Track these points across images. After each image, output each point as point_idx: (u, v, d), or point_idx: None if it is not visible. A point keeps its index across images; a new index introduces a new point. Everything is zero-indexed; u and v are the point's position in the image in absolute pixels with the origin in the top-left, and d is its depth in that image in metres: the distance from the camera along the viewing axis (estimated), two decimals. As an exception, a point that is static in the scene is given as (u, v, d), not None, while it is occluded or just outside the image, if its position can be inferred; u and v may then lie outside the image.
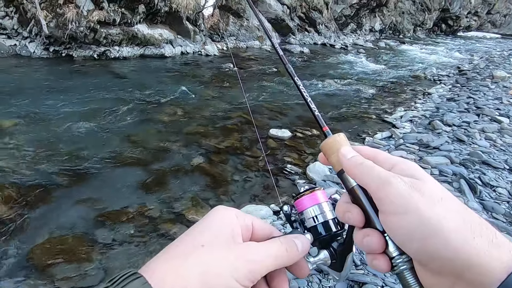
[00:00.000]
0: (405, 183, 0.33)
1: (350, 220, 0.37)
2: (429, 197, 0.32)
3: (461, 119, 5.28)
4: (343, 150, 0.39)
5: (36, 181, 3.38)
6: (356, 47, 14.60)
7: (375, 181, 0.35)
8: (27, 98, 5.46)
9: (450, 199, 0.33)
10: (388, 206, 0.33)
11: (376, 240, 0.35)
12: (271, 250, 0.35)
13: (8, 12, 7.99)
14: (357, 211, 0.37)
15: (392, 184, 0.33)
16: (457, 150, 4.08)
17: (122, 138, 4.49)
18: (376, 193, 0.35)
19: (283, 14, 13.46)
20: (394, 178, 0.34)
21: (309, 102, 0.46)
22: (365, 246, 0.36)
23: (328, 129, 0.43)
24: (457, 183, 3.23)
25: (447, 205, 0.32)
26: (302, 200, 0.45)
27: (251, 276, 0.33)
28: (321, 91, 7.50)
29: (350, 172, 0.38)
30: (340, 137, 0.41)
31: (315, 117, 0.45)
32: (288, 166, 4.04)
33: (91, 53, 8.49)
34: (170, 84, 6.98)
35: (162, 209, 3.16)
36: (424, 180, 0.34)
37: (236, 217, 0.37)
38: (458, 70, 10.56)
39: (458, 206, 0.32)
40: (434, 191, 0.33)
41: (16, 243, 2.63)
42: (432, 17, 21.70)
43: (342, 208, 0.38)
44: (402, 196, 0.32)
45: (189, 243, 0.34)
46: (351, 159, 0.38)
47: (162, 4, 9.24)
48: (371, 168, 0.36)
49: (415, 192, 0.32)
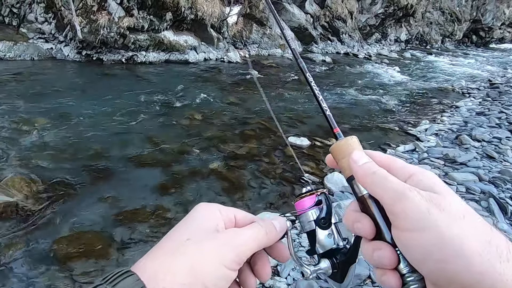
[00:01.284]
0: (423, 197, 0.30)
1: (359, 231, 0.35)
2: (450, 214, 0.29)
3: (492, 135, 5.01)
4: (355, 155, 0.36)
5: (62, 177, 3.55)
6: (380, 57, 14.32)
7: (389, 194, 0.32)
8: (60, 98, 5.79)
9: (473, 217, 0.30)
10: (403, 222, 0.31)
11: (388, 255, 0.32)
12: (252, 233, 0.37)
13: (47, 18, 8.57)
14: (368, 222, 0.34)
15: (409, 199, 0.30)
16: (487, 167, 3.87)
17: (144, 140, 4.63)
18: (390, 207, 0.32)
19: (306, 23, 13.49)
20: (411, 191, 0.31)
21: (321, 100, 0.43)
22: (375, 260, 0.33)
23: (340, 130, 0.41)
24: (486, 202, 3.05)
25: (470, 224, 0.29)
26: (303, 202, 0.43)
27: (237, 259, 0.34)
28: (342, 101, 7.39)
29: (361, 181, 0.35)
30: (353, 140, 0.38)
31: (326, 117, 0.43)
32: (306, 175, 3.98)
33: (120, 57, 8.88)
34: (192, 89, 7.15)
35: (178, 211, 3.20)
36: (444, 194, 0.31)
37: (219, 211, 0.38)
38: (489, 83, 10.06)
39: (483, 225, 0.30)
40: (456, 207, 0.30)
41: (41, 235, 2.76)
42: (462, 28, 20.94)
43: (351, 217, 0.36)
44: (420, 212, 0.30)
45: (176, 239, 0.35)
46: (363, 166, 0.35)
47: (189, 12, 9.55)
48: (385, 178, 0.33)
49: (434, 207, 0.30)
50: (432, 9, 18.93)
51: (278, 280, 2.26)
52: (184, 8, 9.34)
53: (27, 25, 8.59)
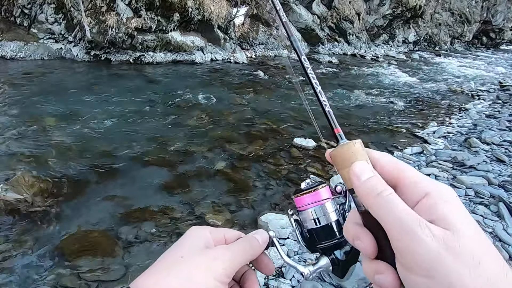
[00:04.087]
0: (436, 239, 0.26)
1: (360, 248, 0.32)
2: (464, 261, 0.26)
3: (502, 138, 4.91)
4: (356, 167, 0.31)
5: (70, 176, 3.60)
6: (387, 58, 14.19)
7: (396, 226, 0.28)
8: (68, 98, 5.87)
9: (490, 262, 0.26)
10: (410, 264, 0.27)
11: (390, 279, 0.29)
12: (238, 247, 0.41)
13: (57, 18, 8.71)
14: (369, 240, 0.31)
15: (418, 239, 0.26)
16: (496, 171, 3.79)
17: (150, 139, 4.66)
18: (396, 242, 0.28)
19: (313, 24, 13.45)
20: (422, 231, 0.27)
21: (319, 92, 0.39)
22: (375, 282, 0.31)
23: (341, 132, 0.35)
24: (495, 206, 2.99)
25: (485, 274, 0.26)
26: (303, 199, 0.41)
27: (227, 272, 0.37)
28: (349, 102, 7.34)
29: (363, 201, 0.31)
30: (356, 147, 0.33)
31: (325, 114, 0.37)
32: (311, 176, 3.96)
33: (127, 57, 8.98)
34: (199, 90, 7.18)
35: (184, 210, 3.22)
36: (460, 232, 0.27)
37: (209, 232, 0.42)
38: (499, 86, 9.88)
39: (499, 273, 0.26)
40: (472, 250, 0.26)
41: (48, 232, 2.80)
42: (472, 29, 20.63)
43: (352, 231, 0.33)
44: (430, 257, 0.26)
45: (169, 258, 0.39)
46: (366, 183, 0.30)
47: (196, 12, 9.61)
48: (391, 204, 0.29)
49: (447, 253, 0.26)
50: (441, 10, 18.69)
51: (282, 282, 2.25)
52: (191, 9, 9.39)
53: (38, 25, 8.74)
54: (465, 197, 3.27)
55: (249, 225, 3.08)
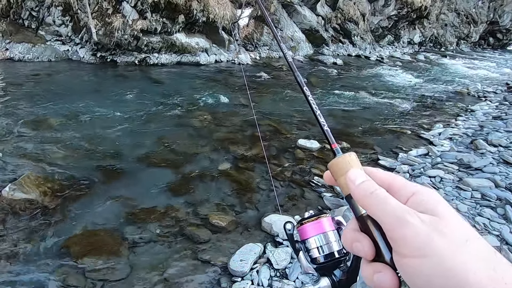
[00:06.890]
0: (424, 222, 0.29)
1: (358, 251, 0.34)
2: (452, 240, 0.28)
3: (509, 140, 4.85)
4: (351, 173, 0.35)
5: (76, 176, 3.64)
6: (392, 59, 14.11)
7: (388, 217, 0.31)
8: (74, 99, 5.94)
9: (477, 241, 0.29)
10: (403, 248, 0.30)
11: (389, 277, 0.31)
12: None
13: (64, 20, 8.83)
14: (367, 242, 0.33)
15: (409, 224, 0.29)
16: (503, 173, 3.75)
17: (155, 140, 4.70)
18: (390, 232, 0.31)
19: (318, 25, 13.43)
20: (412, 216, 0.30)
21: (318, 115, 0.43)
22: (375, 283, 0.32)
23: (338, 147, 0.40)
24: (502, 209, 2.95)
25: (474, 250, 0.28)
26: (306, 228, 0.43)
27: None
28: (353, 103, 7.31)
29: (359, 202, 0.34)
30: (351, 158, 0.37)
31: (323, 132, 0.42)
32: (315, 178, 3.96)
33: (133, 59, 9.06)
34: (203, 91, 7.22)
35: (188, 211, 3.23)
36: (446, 218, 0.30)
37: None
38: (506, 87, 9.76)
39: (487, 250, 0.28)
40: (458, 231, 0.29)
41: (54, 232, 2.83)
42: (478, 30, 20.42)
43: (350, 236, 0.35)
44: (421, 238, 0.29)
45: None
46: (361, 186, 0.34)
47: (201, 14, 9.66)
48: (384, 200, 0.32)
49: (436, 233, 0.29)
50: (447, 11, 18.54)
51: (286, 283, 2.25)
52: (196, 11, 9.45)
53: (45, 27, 8.87)
54: (471, 199, 3.24)
55: (253, 227, 3.08)
